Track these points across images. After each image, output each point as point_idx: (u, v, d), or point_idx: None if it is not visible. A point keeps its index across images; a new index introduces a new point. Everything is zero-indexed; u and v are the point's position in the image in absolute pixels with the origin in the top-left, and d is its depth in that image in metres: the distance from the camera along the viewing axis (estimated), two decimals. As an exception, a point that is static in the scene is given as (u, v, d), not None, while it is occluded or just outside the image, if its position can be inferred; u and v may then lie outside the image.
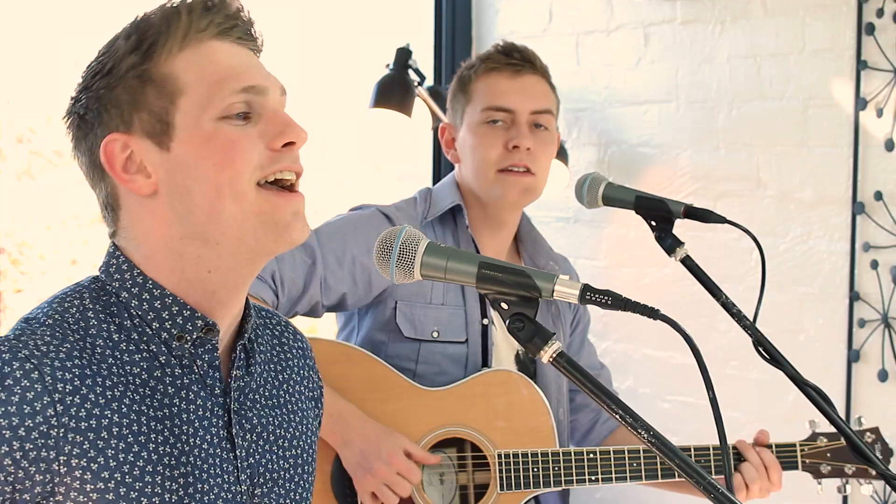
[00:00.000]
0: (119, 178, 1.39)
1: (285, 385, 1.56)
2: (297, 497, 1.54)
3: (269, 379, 1.54)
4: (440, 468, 2.36)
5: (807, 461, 2.36)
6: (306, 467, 1.56)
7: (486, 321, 2.45)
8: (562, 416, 2.53)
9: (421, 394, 2.36)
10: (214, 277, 1.41)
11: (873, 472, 2.32)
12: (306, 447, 1.57)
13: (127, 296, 1.40)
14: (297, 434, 1.55)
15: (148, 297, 1.40)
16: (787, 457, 2.37)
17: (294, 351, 1.61)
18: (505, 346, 2.48)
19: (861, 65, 3.04)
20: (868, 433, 2.32)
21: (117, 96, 1.38)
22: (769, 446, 2.37)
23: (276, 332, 1.60)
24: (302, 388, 1.60)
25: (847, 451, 2.32)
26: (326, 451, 2.29)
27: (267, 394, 1.52)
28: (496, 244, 2.50)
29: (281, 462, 1.51)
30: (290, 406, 1.56)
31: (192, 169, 1.37)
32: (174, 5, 1.39)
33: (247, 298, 1.49)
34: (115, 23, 1.43)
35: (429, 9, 4.13)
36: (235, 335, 1.48)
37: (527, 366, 2.51)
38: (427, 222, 2.47)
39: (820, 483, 2.35)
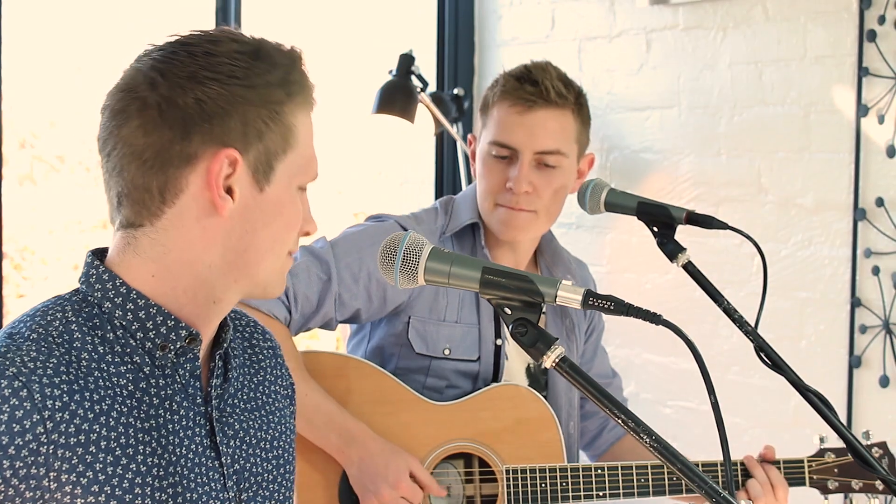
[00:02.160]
0: (212, 188, 1.38)
1: (261, 387, 1.57)
2: (281, 497, 1.55)
3: (245, 382, 1.55)
4: (447, 481, 2.35)
5: (814, 477, 2.34)
6: (288, 467, 1.58)
7: (499, 341, 2.42)
8: (572, 428, 2.51)
9: (429, 407, 2.34)
10: (218, 307, 1.44)
11: (880, 488, 2.32)
12: (286, 447, 1.58)
13: (110, 306, 1.39)
14: (277, 435, 1.57)
15: (132, 307, 1.39)
16: (794, 473, 2.35)
17: (265, 351, 1.62)
18: (517, 360, 2.46)
19: (862, 71, 3.04)
20: (876, 447, 2.30)
21: (249, 117, 1.38)
22: (776, 463, 2.35)
23: (246, 334, 1.60)
24: (277, 387, 1.61)
25: (854, 466, 2.30)
26: (334, 467, 2.29)
27: (245, 398, 1.53)
28: (514, 260, 2.46)
29: (264, 465, 1.53)
30: (267, 408, 1.57)
31: (268, 217, 1.42)
32: (304, 68, 1.43)
33: None
34: (115, 27, 1.43)
35: (432, 15, 4.13)
36: (213, 344, 1.49)
37: (538, 378, 2.49)
38: (446, 237, 2.43)
39: (826, 498, 2.34)
